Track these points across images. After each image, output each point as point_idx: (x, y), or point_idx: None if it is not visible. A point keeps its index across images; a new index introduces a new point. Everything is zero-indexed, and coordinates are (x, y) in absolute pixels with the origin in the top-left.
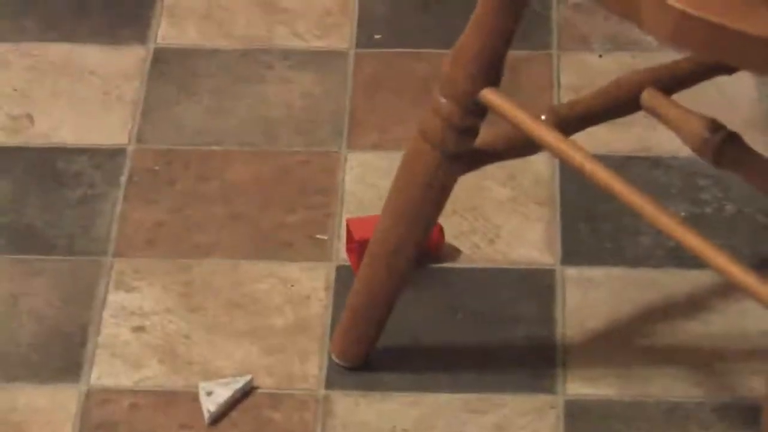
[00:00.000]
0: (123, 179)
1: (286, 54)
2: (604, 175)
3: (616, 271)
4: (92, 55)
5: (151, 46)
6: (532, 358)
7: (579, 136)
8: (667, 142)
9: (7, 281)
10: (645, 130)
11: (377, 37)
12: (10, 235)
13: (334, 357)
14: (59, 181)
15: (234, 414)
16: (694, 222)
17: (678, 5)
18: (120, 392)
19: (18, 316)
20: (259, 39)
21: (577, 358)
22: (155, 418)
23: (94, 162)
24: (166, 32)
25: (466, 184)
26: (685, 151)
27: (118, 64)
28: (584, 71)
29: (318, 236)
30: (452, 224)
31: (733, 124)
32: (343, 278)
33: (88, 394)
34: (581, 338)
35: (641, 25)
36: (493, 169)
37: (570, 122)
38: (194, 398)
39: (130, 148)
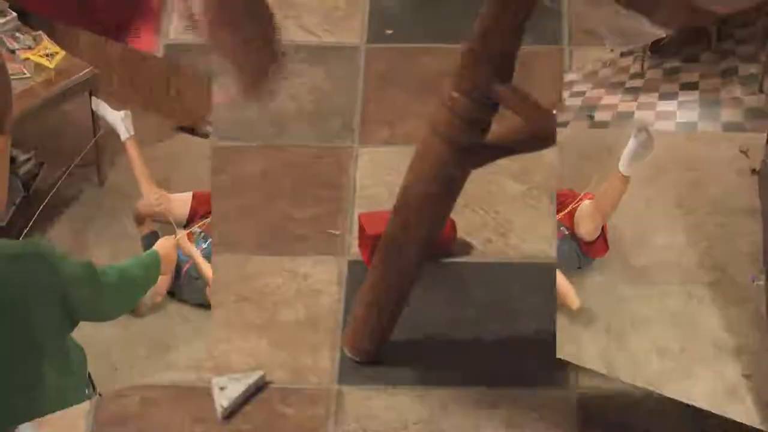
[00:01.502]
0: None
1: (297, 48)
2: None
3: None
4: None
5: (163, 41)
6: (544, 351)
7: None
8: None
9: None
10: None
11: (389, 32)
12: None
13: (346, 351)
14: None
15: (247, 409)
16: None
17: None
18: (133, 387)
19: None
20: None
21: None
22: (168, 413)
23: None
24: (178, 27)
25: (478, 178)
26: None
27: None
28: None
29: (330, 231)
30: (464, 218)
31: None
32: (355, 273)
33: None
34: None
35: (653, 20)
36: (505, 163)
37: None
38: (207, 393)
39: None
